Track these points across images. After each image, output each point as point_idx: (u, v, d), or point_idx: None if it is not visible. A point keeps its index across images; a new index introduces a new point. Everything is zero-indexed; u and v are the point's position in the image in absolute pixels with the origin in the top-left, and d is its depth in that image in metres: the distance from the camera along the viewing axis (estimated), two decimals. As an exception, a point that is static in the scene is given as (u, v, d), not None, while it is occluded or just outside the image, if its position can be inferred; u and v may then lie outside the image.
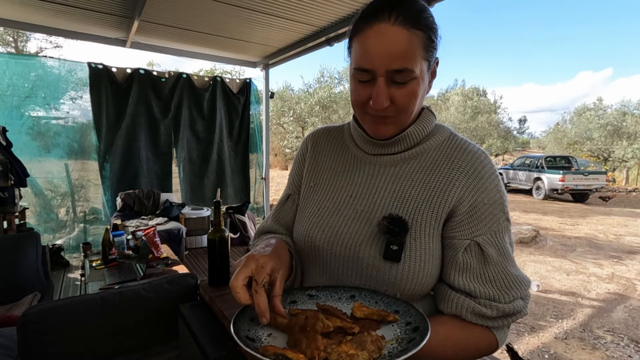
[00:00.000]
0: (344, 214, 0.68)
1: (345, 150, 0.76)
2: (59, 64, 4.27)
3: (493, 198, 0.63)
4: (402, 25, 0.56)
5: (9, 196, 3.19)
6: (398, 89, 0.59)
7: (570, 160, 12.79)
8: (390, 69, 0.57)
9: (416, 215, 0.63)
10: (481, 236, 0.61)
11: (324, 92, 16.41)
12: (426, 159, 0.67)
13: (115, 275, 2.45)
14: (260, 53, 4.94)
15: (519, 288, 0.61)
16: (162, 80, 4.78)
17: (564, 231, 7.23)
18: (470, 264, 0.61)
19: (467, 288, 0.61)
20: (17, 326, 1.13)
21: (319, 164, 0.78)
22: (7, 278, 2.24)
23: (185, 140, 5.01)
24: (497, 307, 0.59)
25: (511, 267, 0.62)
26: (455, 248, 0.62)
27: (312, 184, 0.77)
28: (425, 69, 0.61)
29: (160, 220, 4.04)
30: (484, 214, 0.62)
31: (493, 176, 0.64)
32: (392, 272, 0.61)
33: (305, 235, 0.71)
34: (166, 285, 1.41)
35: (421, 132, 0.68)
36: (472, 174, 0.63)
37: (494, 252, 0.61)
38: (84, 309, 1.23)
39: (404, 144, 0.68)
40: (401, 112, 0.62)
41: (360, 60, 0.59)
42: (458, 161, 0.65)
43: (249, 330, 0.54)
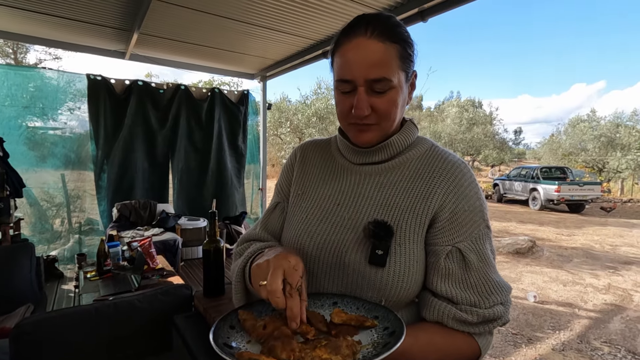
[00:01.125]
0: (331, 222, 0.70)
1: (332, 160, 0.78)
2: (57, 75, 4.30)
3: (473, 205, 0.65)
4: (377, 38, 0.61)
5: (4, 207, 3.18)
6: (378, 97, 0.63)
7: (565, 171, 12.89)
8: (369, 79, 0.61)
9: (400, 222, 0.65)
10: (462, 242, 0.63)
11: (321, 103, 16.55)
12: (409, 169, 0.70)
13: (110, 286, 2.43)
14: (258, 65, 5.01)
15: (500, 294, 0.63)
16: (160, 92, 4.82)
17: (561, 242, 7.25)
18: (452, 269, 0.63)
19: (449, 294, 0.62)
20: (10, 338, 1.12)
21: (307, 174, 0.80)
22: (0, 289, 2.22)
23: (183, 151, 5.02)
24: (478, 312, 0.61)
25: (492, 273, 0.64)
26: (438, 254, 0.64)
27: (300, 192, 0.79)
28: (403, 79, 0.64)
29: (156, 231, 4.03)
30: (464, 220, 0.64)
31: (472, 184, 0.67)
32: (377, 277, 0.63)
33: (294, 242, 0.72)
34: (161, 296, 1.41)
35: (403, 142, 0.70)
36: (453, 182, 0.66)
37: (475, 258, 0.63)
38: (78, 320, 1.23)
39: (386, 152, 0.70)
40: (383, 118, 0.65)
41: (341, 72, 0.63)
42: (439, 170, 0.67)
43: (228, 337, 0.55)
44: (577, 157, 19.10)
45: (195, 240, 4.57)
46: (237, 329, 0.57)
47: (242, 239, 0.84)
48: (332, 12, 3.14)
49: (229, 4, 3.05)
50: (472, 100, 25.54)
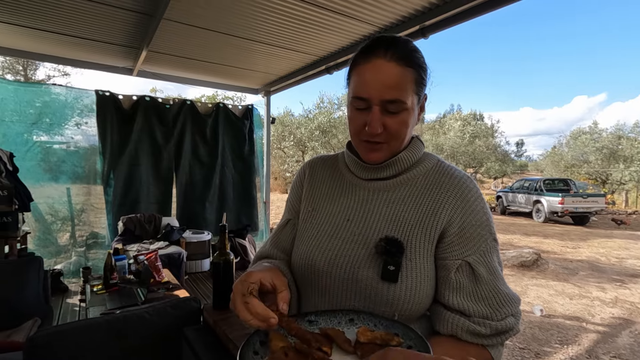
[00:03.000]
0: (342, 237, 0.72)
1: (340, 176, 0.81)
2: (66, 91, 4.40)
3: (480, 220, 0.67)
4: (395, 61, 0.64)
5: (12, 221, 3.21)
6: (391, 117, 0.66)
7: (568, 183, 12.87)
8: (384, 99, 0.65)
9: (410, 237, 0.67)
10: (471, 256, 0.65)
11: (324, 117, 16.72)
12: (416, 185, 0.72)
13: (116, 300, 2.44)
14: (262, 80, 5.11)
15: (510, 305, 0.65)
16: (166, 107, 4.91)
17: (566, 254, 7.19)
18: (462, 283, 0.65)
19: (461, 307, 0.64)
20: (24, 351, 1.14)
21: (316, 190, 0.83)
22: (8, 303, 2.23)
23: (187, 166, 5.07)
24: (491, 325, 0.63)
25: (501, 285, 0.66)
26: (448, 268, 0.66)
27: (310, 209, 0.81)
28: (415, 102, 0.68)
29: (161, 245, 4.04)
30: (472, 234, 0.66)
31: (479, 199, 0.69)
32: (389, 292, 0.65)
33: (305, 258, 0.74)
34: (170, 309, 1.42)
35: (410, 158, 0.73)
36: (460, 197, 0.68)
37: (484, 271, 0.65)
38: (89, 333, 1.24)
39: (394, 168, 0.73)
40: (393, 138, 0.68)
41: (357, 90, 0.67)
42: (446, 186, 0.70)
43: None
44: (580, 169, 19.08)
45: (200, 253, 4.58)
46: (260, 353, 0.56)
47: (255, 256, 0.87)
48: (335, 29, 3.23)
49: (234, 23, 3.14)
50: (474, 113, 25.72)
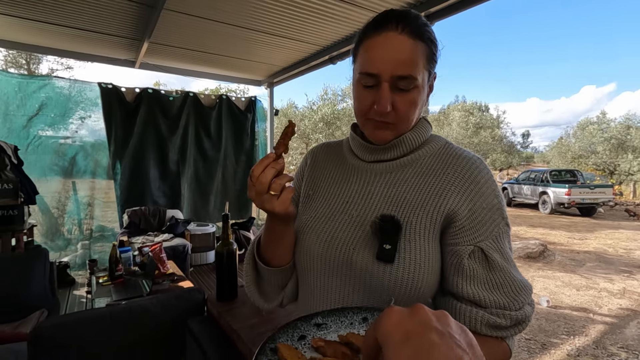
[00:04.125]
0: (338, 220, 0.70)
1: (343, 161, 0.78)
2: (69, 84, 4.39)
3: (491, 203, 0.64)
4: (408, 34, 0.61)
5: (18, 214, 3.23)
6: (400, 95, 0.63)
7: (575, 174, 12.71)
8: (395, 75, 0.61)
9: (411, 218, 0.63)
10: (484, 241, 0.62)
11: (328, 109, 16.63)
12: (421, 166, 0.69)
13: (122, 291, 2.45)
14: (265, 72, 5.06)
15: (525, 294, 0.62)
16: (170, 99, 4.88)
17: (572, 246, 7.13)
18: (476, 270, 0.61)
19: (476, 297, 0.60)
20: (28, 340, 1.14)
21: (318, 176, 0.80)
22: (15, 295, 2.25)
23: (192, 159, 5.07)
24: (511, 315, 0.59)
25: (515, 272, 0.63)
26: (460, 254, 0.62)
27: (310, 193, 0.79)
28: (425, 79, 0.65)
29: (165, 237, 4.06)
30: (484, 219, 0.63)
31: (490, 182, 0.65)
32: (385, 274, 0.61)
33: (300, 241, 0.72)
34: (174, 300, 1.41)
35: (417, 139, 0.70)
36: (468, 179, 0.64)
37: (498, 257, 0.61)
38: (93, 323, 1.24)
39: (399, 149, 0.70)
40: (401, 119, 0.65)
41: (367, 65, 0.63)
42: (454, 167, 0.66)
43: None
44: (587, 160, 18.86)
45: (204, 246, 4.59)
46: None
47: (255, 238, 0.84)
48: (338, 17, 3.17)
49: (236, 12, 3.09)
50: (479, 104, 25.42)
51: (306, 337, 0.54)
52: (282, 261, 0.73)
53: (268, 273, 0.74)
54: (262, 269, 0.74)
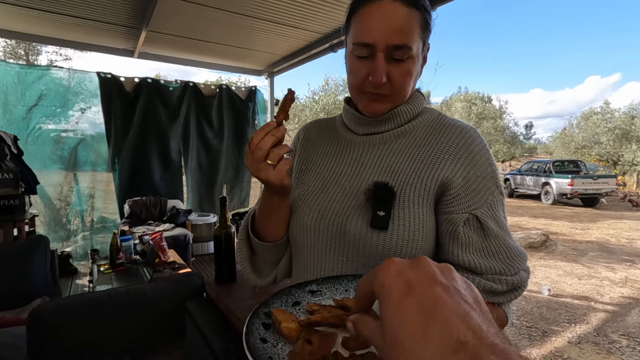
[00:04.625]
0: (331, 192, 0.69)
1: (336, 135, 0.77)
2: (68, 75, 4.35)
3: (485, 171, 0.63)
4: (402, 2, 0.59)
5: (19, 204, 3.24)
6: (395, 66, 0.61)
7: (578, 165, 12.64)
8: (390, 44, 0.59)
9: (405, 187, 0.63)
10: (479, 209, 0.61)
11: (329, 98, 16.55)
12: (415, 136, 0.68)
13: (123, 279, 2.46)
14: (265, 61, 5.01)
15: (520, 260, 0.62)
16: (169, 89, 4.85)
17: (575, 236, 7.11)
18: (471, 238, 0.61)
19: (472, 264, 0.60)
20: (27, 323, 1.14)
21: (310, 150, 0.79)
22: (16, 283, 2.26)
23: (195, 150, 5.05)
24: (507, 280, 0.59)
25: (510, 240, 0.63)
26: (455, 223, 0.62)
27: (303, 168, 0.78)
28: (420, 49, 0.63)
29: (167, 227, 4.06)
30: (479, 187, 0.62)
31: (484, 150, 0.65)
32: (379, 242, 0.61)
33: (294, 215, 0.72)
34: (173, 284, 1.41)
35: (411, 111, 0.69)
36: (462, 148, 0.64)
37: (493, 224, 0.61)
38: (92, 306, 1.24)
39: (393, 122, 0.69)
40: (397, 90, 0.64)
41: (361, 35, 0.61)
42: (447, 136, 0.66)
43: (270, 357, 0.43)
44: (591, 151, 18.73)
45: (206, 236, 4.60)
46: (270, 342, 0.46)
47: (249, 213, 0.82)
48: (338, 4, 3.11)
49: (235, -2, 3.05)
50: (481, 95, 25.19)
51: (300, 302, 0.53)
52: (276, 236, 0.72)
53: (262, 248, 0.73)
54: (256, 244, 0.73)
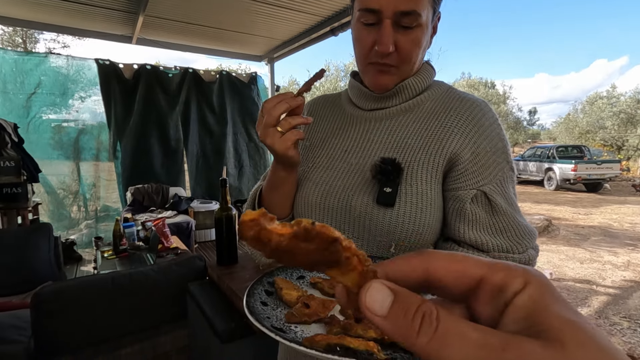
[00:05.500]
0: (337, 168, 0.67)
1: (341, 111, 0.75)
2: (66, 62, 4.31)
3: (496, 146, 0.61)
4: None
5: (21, 192, 3.25)
6: (403, 34, 0.58)
7: (582, 150, 12.53)
8: (398, 10, 0.56)
9: (412, 162, 0.61)
10: (487, 185, 0.59)
11: (330, 84, 16.41)
12: (423, 110, 0.66)
13: (126, 265, 2.48)
14: (265, 46, 4.93)
15: (530, 238, 0.59)
16: (169, 76, 4.80)
17: (577, 221, 7.10)
18: (478, 214, 0.59)
19: (478, 241, 0.58)
20: (30, 306, 1.15)
21: (315, 127, 0.77)
22: (21, 269, 2.29)
23: (197, 136, 5.02)
24: (513, 258, 0.57)
25: (519, 217, 0.60)
26: (462, 199, 0.60)
27: (307, 144, 0.76)
28: (430, 17, 0.60)
29: (169, 214, 4.08)
30: (488, 162, 0.60)
31: (495, 124, 0.62)
32: (386, 218, 0.59)
33: (298, 191, 0.70)
34: (175, 267, 1.42)
35: (419, 84, 0.66)
36: (472, 121, 0.61)
37: (502, 201, 0.59)
38: (94, 288, 1.25)
39: (401, 96, 0.66)
40: (404, 61, 0.61)
41: (367, 0, 0.58)
42: (457, 110, 0.63)
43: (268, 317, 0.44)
44: (595, 136, 18.55)
45: (209, 223, 4.62)
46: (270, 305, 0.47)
47: (254, 190, 0.81)
48: (340, -16, 3.04)
49: (233, -20, 2.98)
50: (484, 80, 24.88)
51: (305, 277, 0.54)
52: (281, 213, 0.71)
53: None
54: None
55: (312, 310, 0.43)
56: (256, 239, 0.21)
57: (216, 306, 1.10)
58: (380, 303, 0.19)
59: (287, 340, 0.34)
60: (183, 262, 1.42)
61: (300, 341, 0.36)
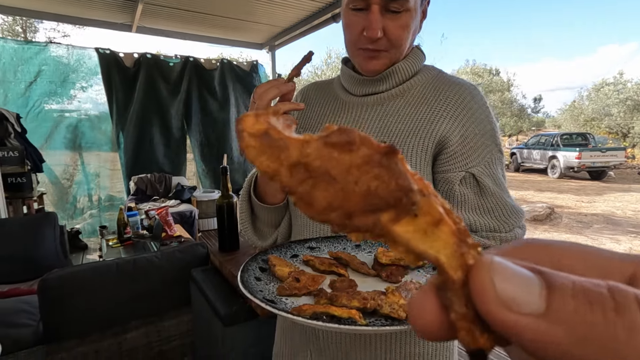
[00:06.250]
0: None
1: (333, 97, 0.76)
2: (66, 51, 4.29)
3: (484, 129, 0.62)
4: None
5: (26, 181, 3.28)
6: (392, 19, 0.59)
7: (587, 137, 12.42)
8: None
9: (403, 147, 0.62)
10: (475, 167, 0.61)
11: (332, 72, 16.26)
12: (413, 95, 0.67)
13: (131, 253, 2.51)
14: (266, 34, 4.88)
15: (517, 217, 0.61)
16: (170, 65, 4.78)
17: (580, 208, 7.09)
18: (467, 196, 0.60)
19: (466, 222, 0.60)
20: (37, 290, 1.17)
21: (308, 113, 0.78)
22: (28, 257, 2.33)
23: (200, 124, 5.01)
24: (500, 237, 0.59)
25: (507, 197, 0.62)
26: (451, 181, 0.61)
27: (300, 130, 0.77)
28: (419, 2, 0.61)
29: (172, 203, 4.11)
30: (476, 144, 0.61)
31: (483, 107, 0.64)
32: None
33: None
34: (178, 253, 1.44)
35: (409, 69, 0.67)
36: (461, 105, 0.62)
37: (490, 182, 0.61)
38: (100, 274, 1.27)
39: (391, 80, 0.67)
40: (393, 45, 0.62)
41: None
42: (446, 94, 0.64)
43: (261, 291, 0.47)
44: (600, 123, 18.34)
45: (211, 212, 4.65)
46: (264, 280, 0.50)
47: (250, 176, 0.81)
48: (341, -31, 2.99)
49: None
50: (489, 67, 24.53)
51: (298, 255, 0.57)
52: (275, 199, 0.72)
53: (262, 210, 0.73)
54: (256, 206, 0.73)
55: (302, 284, 0.45)
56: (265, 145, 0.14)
57: (218, 291, 1.12)
58: (525, 290, 0.12)
59: (276, 310, 0.37)
60: (186, 249, 1.45)
61: (289, 310, 0.39)
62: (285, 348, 0.70)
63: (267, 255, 0.54)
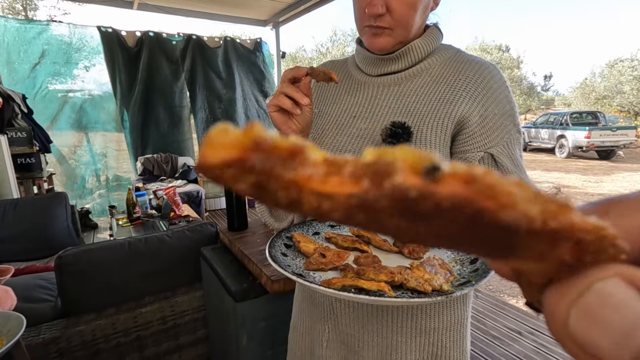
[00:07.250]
0: (347, 133, 0.69)
1: (349, 77, 0.75)
2: (68, 30, 4.24)
3: (503, 109, 0.62)
4: None
5: (35, 162, 3.32)
6: None
7: (597, 116, 12.15)
8: None
9: (421, 126, 0.62)
10: (494, 147, 0.61)
11: (337, 50, 15.94)
12: (431, 75, 0.66)
13: (141, 232, 2.57)
14: (270, 10, 4.77)
15: None
16: (172, 43, 4.72)
17: (587, 189, 7.04)
18: None
19: None
20: (54, 267, 1.22)
21: (323, 93, 0.78)
22: (41, 236, 2.39)
23: (205, 102, 4.97)
24: None
25: (525, 178, 0.62)
26: (469, 161, 0.61)
27: (315, 111, 0.77)
28: None
29: (179, 183, 4.16)
30: (495, 124, 0.61)
31: (503, 87, 0.63)
32: None
33: None
34: (188, 232, 1.47)
35: (426, 48, 0.65)
36: (480, 84, 0.62)
37: (508, 162, 0.60)
38: (113, 252, 1.31)
39: (407, 59, 0.66)
40: (399, 22, 0.60)
41: None
42: (465, 73, 0.63)
43: (288, 265, 0.49)
44: (612, 101, 17.90)
45: (218, 191, 4.70)
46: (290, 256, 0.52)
47: None
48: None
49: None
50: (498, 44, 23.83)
51: (320, 233, 0.59)
52: None
53: None
54: None
55: (328, 259, 0.47)
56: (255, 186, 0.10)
57: (228, 268, 1.15)
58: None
59: (307, 282, 0.39)
60: (196, 228, 1.48)
61: (318, 283, 0.41)
62: (303, 321, 0.73)
63: (291, 233, 0.56)
